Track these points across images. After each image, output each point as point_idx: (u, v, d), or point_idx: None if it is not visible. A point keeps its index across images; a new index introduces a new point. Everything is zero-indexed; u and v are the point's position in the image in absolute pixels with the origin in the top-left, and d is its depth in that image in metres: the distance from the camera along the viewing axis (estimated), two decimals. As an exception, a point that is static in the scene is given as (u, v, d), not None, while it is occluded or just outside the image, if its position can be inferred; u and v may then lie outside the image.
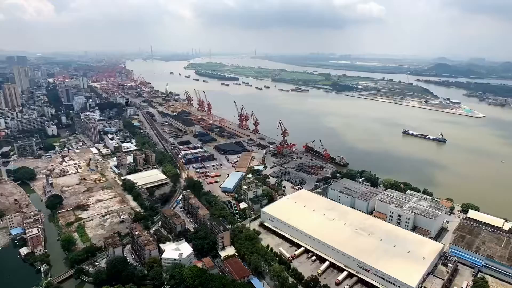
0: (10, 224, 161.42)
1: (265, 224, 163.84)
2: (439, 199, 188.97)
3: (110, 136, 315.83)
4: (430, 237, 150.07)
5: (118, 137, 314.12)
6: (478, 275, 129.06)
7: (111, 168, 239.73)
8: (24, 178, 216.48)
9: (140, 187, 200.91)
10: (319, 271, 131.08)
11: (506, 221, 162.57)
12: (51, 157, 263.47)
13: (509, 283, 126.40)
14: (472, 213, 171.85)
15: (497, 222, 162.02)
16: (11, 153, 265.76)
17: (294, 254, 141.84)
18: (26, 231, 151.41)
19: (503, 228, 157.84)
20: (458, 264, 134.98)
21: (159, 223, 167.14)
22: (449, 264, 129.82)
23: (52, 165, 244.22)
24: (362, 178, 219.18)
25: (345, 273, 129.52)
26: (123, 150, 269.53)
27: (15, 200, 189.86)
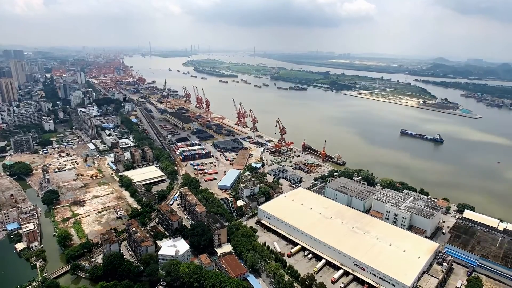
0: (5, 219, 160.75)
1: (262, 221, 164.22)
2: (435, 198, 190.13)
3: (107, 132, 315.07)
4: (426, 237, 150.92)
5: (116, 133, 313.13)
6: (473, 275, 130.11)
7: (108, 164, 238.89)
8: (20, 173, 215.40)
9: (137, 183, 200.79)
10: (315, 269, 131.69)
11: (501, 221, 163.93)
12: (47, 152, 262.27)
13: (503, 282, 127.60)
14: (467, 213, 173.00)
15: (492, 222, 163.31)
16: (7, 148, 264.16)
17: (291, 252, 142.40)
18: (22, 226, 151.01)
19: (498, 228, 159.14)
20: (453, 263, 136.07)
21: (156, 219, 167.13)
22: (444, 263, 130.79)
23: (48, 161, 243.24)
24: (359, 177, 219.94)
25: (341, 271, 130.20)
26: (121, 146, 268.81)
27: (11, 195, 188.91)
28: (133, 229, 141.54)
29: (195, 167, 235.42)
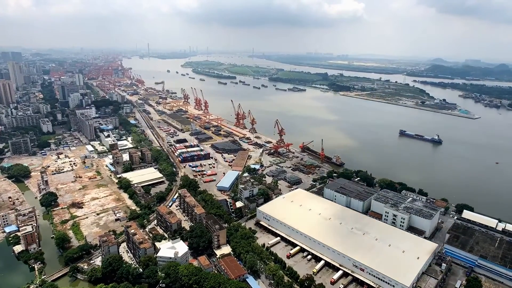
0: (4, 222, 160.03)
1: (261, 223, 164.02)
2: (434, 199, 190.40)
3: (106, 133, 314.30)
4: (425, 237, 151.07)
5: (114, 135, 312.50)
6: (472, 275, 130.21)
7: (106, 166, 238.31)
8: (18, 175, 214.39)
9: (136, 185, 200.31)
10: (314, 270, 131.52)
11: (500, 221, 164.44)
12: (46, 154, 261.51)
13: (502, 282, 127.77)
14: (466, 213, 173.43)
15: (491, 222, 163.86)
16: (5, 150, 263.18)
17: (290, 253, 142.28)
18: (20, 228, 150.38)
19: (497, 228, 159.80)
20: (452, 263, 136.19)
21: (155, 221, 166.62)
22: (443, 264, 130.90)
23: (47, 163, 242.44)
24: (358, 178, 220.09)
25: (340, 272, 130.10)
26: (119, 148, 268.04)
27: (9, 197, 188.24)
28: (132, 231, 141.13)
29: (194, 168, 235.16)
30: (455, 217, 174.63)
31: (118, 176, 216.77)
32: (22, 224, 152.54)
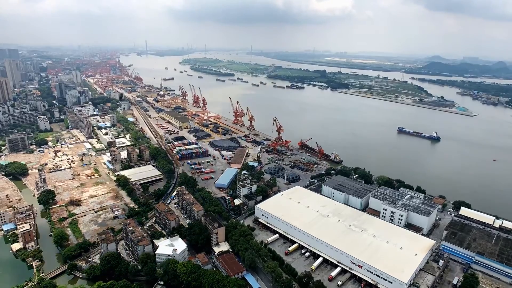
0: (1, 220, 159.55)
1: (260, 220, 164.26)
2: (432, 196, 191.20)
3: (103, 131, 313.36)
4: (423, 234, 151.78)
5: (112, 132, 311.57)
6: (469, 271, 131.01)
7: (104, 164, 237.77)
8: (15, 173, 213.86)
9: (134, 182, 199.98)
10: (313, 267, 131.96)
11: (497, 218, 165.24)
12: (43, 152, 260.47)
13: (498, 279, 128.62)
14: (463, 210, 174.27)
15: (488, 219, 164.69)
16: (3, 147, 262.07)
17: (288, 250, 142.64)
18: (18, 226, 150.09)
19: (494, 225, 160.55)
20: (449, 260, 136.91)
21: (153, 219, 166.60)
22: (440, 261, 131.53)
23: (44, 160, 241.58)
24: (356, 175, 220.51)
25: (338, 269, 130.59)
26: (117, 146, 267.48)
27: (7, 195, 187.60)
28: (130, 228, 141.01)
29: (192, 166, 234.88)
30: (453, 214, 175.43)
31: (116, 173, 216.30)
32: (20, 222, 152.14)
